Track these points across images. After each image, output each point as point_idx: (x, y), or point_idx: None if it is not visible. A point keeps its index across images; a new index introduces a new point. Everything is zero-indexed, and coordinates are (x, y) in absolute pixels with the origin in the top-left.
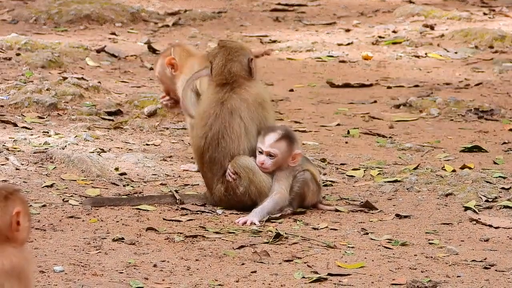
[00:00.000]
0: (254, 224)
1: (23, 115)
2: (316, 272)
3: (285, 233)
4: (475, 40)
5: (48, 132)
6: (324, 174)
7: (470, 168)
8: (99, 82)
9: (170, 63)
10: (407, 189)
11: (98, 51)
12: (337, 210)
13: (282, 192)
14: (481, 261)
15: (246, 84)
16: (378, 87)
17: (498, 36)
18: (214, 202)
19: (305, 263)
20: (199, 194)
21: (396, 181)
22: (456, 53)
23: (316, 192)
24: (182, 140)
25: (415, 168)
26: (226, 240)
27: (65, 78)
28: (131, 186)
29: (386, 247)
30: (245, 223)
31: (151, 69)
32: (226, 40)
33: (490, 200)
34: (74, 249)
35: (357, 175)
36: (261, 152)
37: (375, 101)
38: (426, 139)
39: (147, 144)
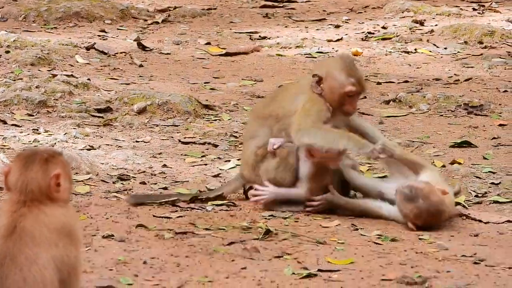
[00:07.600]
0: (262, 202)
1: (13, 113)
2: (306, 268)
3: (275, 229)
4: (464, 36)
5: (37, 130)
6: None
7: (459, 163)
8: (89, 79)
9: None
10: None
11: (87, 49)
12: None
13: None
14: (471, 256)
15: None
16: (367, 83)
17: (488, 31)
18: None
19: (295, 259)
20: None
21: (385, 176)
22: (445, 48)
23: None
24: (172, 137)
25: None
26: (216, 237)
27: (54, 76)
28: (121, 183)
29: (376, 243)
30: (256, 197)
31: (141, 66)
32: None
33: (479, 195)
34: None
35: None
36: None
37: (365, 97)
38: (416, 135)
39: (136, 141)
